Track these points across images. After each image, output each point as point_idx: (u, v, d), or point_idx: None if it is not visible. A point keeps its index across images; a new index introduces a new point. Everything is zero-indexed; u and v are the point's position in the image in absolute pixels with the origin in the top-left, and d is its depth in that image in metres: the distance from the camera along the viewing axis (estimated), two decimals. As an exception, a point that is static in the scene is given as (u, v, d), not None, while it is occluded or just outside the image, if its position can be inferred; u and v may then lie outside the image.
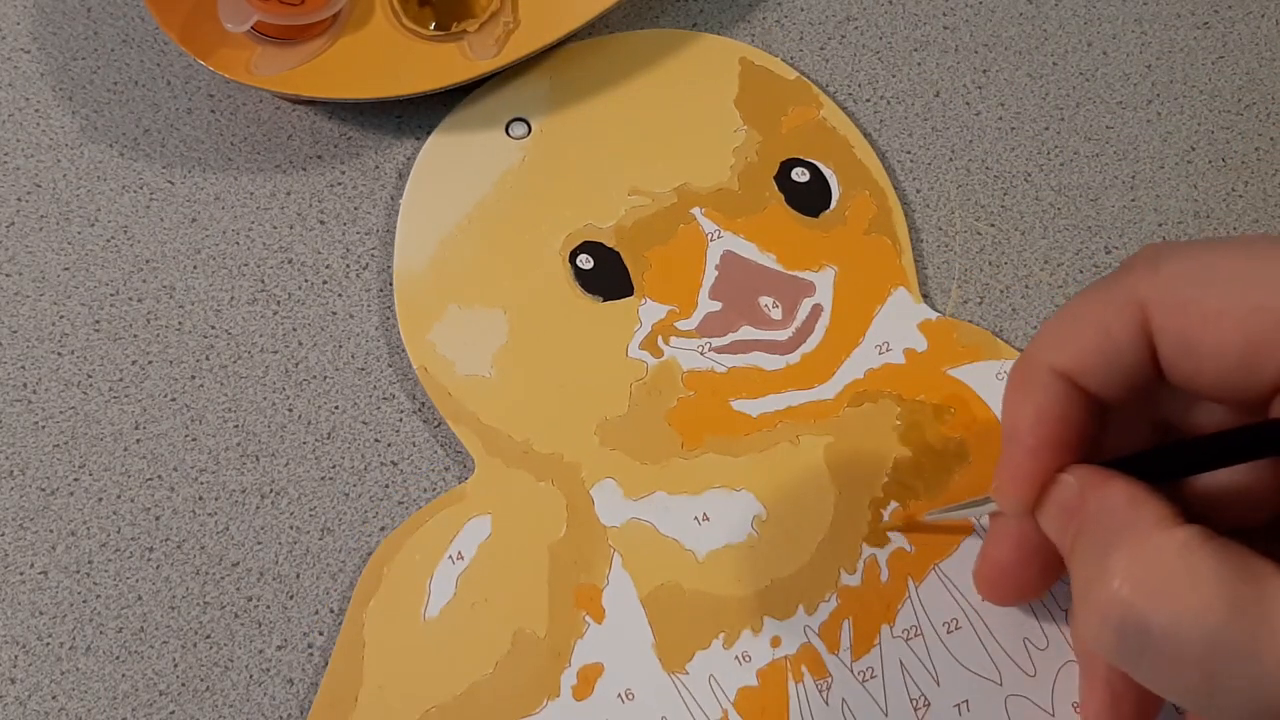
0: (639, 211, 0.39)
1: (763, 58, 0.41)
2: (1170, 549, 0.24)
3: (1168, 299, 0.26)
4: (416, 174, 0.39)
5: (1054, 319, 0.28)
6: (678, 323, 0.37)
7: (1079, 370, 0.28)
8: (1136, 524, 0.25)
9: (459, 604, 0.34)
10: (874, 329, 0.37)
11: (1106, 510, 0.26)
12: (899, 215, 0.39)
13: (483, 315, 0.37)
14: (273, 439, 0.36)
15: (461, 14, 0.39)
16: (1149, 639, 0.24)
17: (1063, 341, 0.28)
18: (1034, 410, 0.28)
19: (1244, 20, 0.43)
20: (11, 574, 0.35)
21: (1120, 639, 0.24)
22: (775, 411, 0.36)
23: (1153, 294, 0.26)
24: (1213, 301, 0.26)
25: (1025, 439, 0.28)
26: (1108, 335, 0.27)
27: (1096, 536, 0.26)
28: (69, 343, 0.37)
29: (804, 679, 0.33)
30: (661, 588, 0.34)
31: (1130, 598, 0.24)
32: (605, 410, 0.36)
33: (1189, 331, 0.26)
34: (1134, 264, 0.27)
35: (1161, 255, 0.27)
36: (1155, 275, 0.26)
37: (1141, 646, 0.24)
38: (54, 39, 0.42)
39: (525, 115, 0.40)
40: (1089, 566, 0.25)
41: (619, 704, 0.33)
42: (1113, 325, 0.27)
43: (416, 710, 0.33)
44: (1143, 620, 0.24)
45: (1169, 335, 0.26)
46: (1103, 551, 0.25)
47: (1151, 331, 0.27)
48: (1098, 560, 0.25)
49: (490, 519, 0.35)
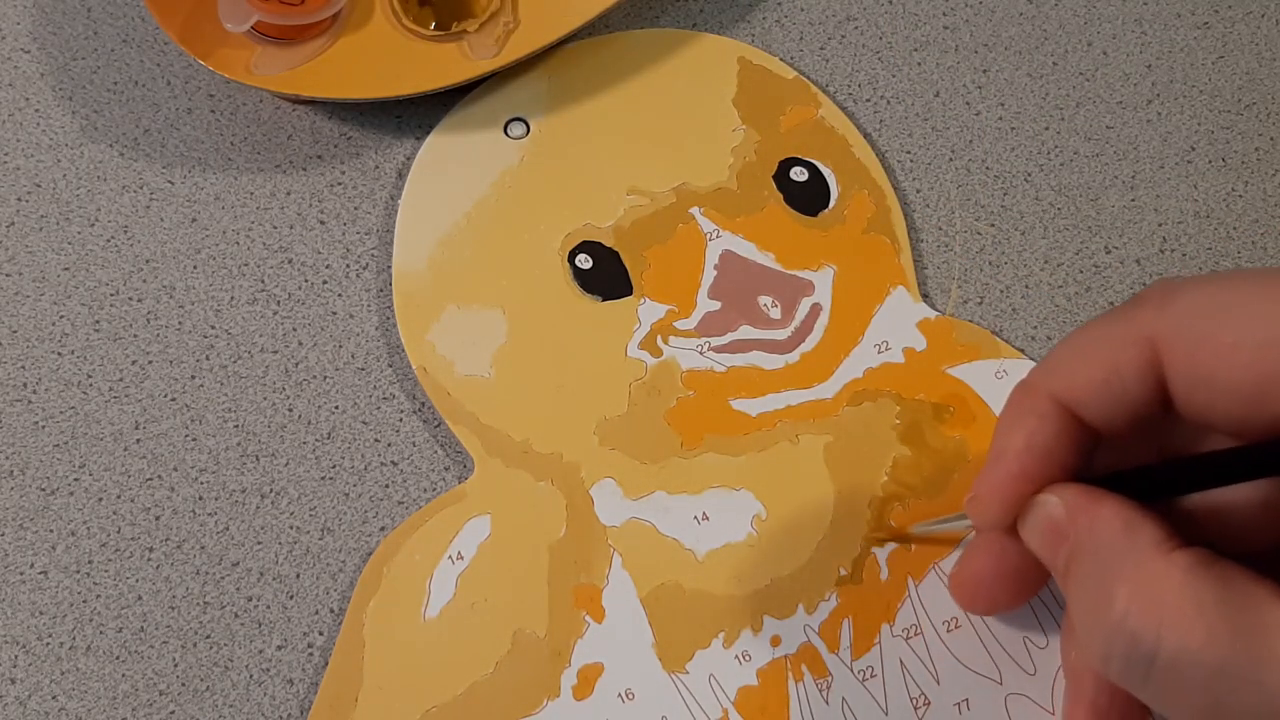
0: (638, 211, 0.39)
1: (761, 57, 0.41)
2: (1174, 575, 0.24)
3: (1180, 334, 0.26)
4: (415, 174, 0.39)
5: (1061, 347, 0.28)
6: (677, 322, 0.37)
7: (1080, 402, 0.28)
8: (1135, 550, 0.25)
9: (459, 604, 0.34)
10: (873, 328, 0.37)
11: (1102, 535, 0.26)
12: (898, 214, 0.39)
13: (482, 315, 0.37)
14: (273, 439, 0.36)
15: (461, 14, 0.39)
16: (1154, 666, 0.24)
17: (1068, 371, 0.28)
18: (1025, 438, 0.28)
19: (1244, 20, 0.43)
20: (11, 574, 0.35)
21: (1126, 666, 0.24)
22: (774, 411, 0.36)
23: (1165, 329, 0.26)
24: (1226, 336, 0.25)
25: (1011, 462, 0.28)
26: (1114, 370, 0.27)
27: (1095, 563, 0.26)
28: (69, 343, 0.37)
29: (804, 678, 0.33)
30: (661, 587, 0.34)
31: (1135, 628, 0.24)
32: (604, 410, 0.36)
33: (1202, 366, 0.26)
34: (1146, 298, 0.27)
35: (1174, 290, 0.27)
36: (1167, 310, 0.26)
37: (1147, 673, 0.24)
38: (54, 39, 0.42)
39: (524, 115, 0.40)
40: (1089, 594, 0.26)
41: (619, 704, 0.33)
42: (1120, 360, 0.27)
43: (416, 710, 0.33)
44: (1150, 648, 0.24)
45: (1181, 370, 0.26)
46: (1102, 579, 0.25)
47: (1162, 367, 0.27)
48: (1099, 589, 0.25)
49: (490, 519, 0.35)
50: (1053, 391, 0.28)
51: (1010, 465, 0.28)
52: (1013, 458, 0.28)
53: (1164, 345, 0.26)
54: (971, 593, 0.32)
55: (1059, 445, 0.28)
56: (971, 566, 0.32)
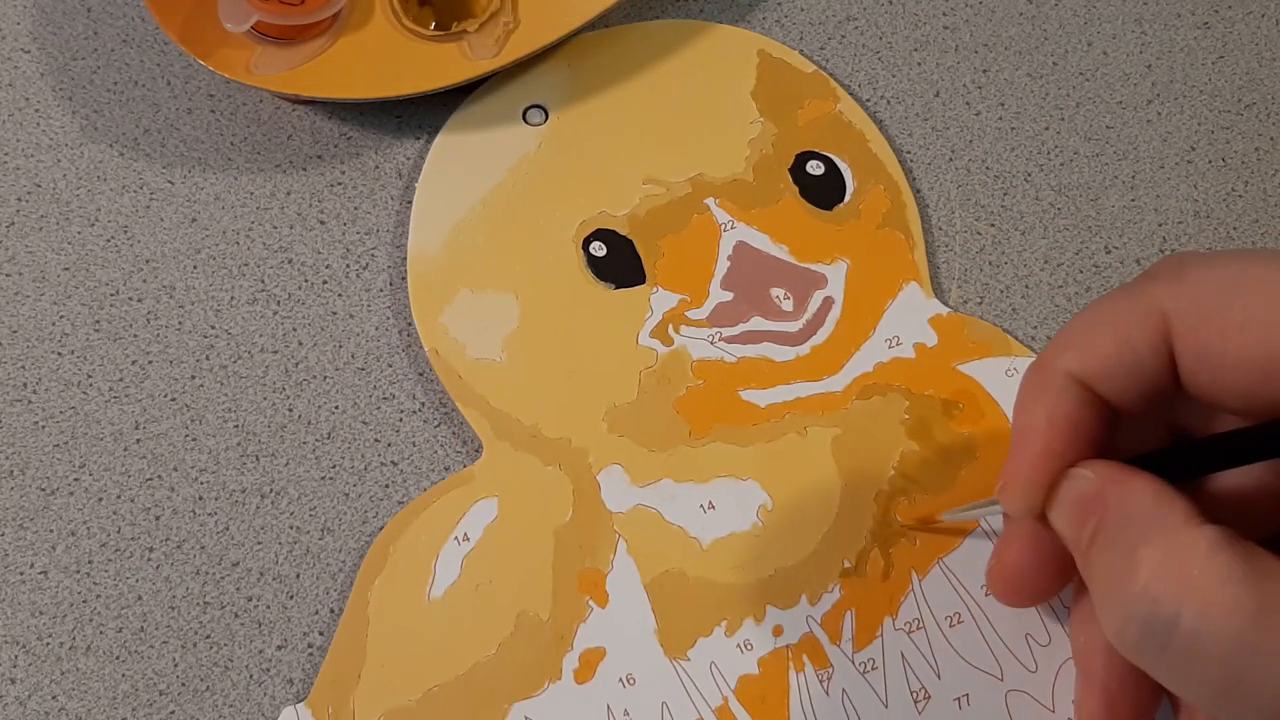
0: (653, 200, 0.39)
1: (780, 50, 0.42)
2: (1201, 545, 0.24)
3: (1190, 309, 0.26)
4: (432, 160, 0.39)
5: (1072, 324, 0.28)
6: (689, 312, 0.37)
7: (1096, 376, 0.27)
8: (1165, 520, 0.25)
9: (464, 585, 0.34)
10: (885, 323, 0.37)
11: (1132, 506, 0.26)
12: (913, 210, 0.39)
13: (495, 299, 0.37)
14: (273, 439, 0.36)
15: (461, 14, 0.40)
16: (1174, 635, 0.24)
17: (1081, 347, 0.28)
18: (1046, 413, 0.28)
19: (1244, 20, 0.44)
20: (11, 574, 0.34)
21: (1145, 634, 0.24)
22: (784, 402, 0.36)
23: (1175, 304, 0.26)
24: (1236, 314, 0.25)
25: (1036, 441, 0.28)
26: (1128, 343, 0.27)
27: (1122, 531, 0.25)
28: (69, 343, 0.37)
29: (805, 668, 0.33)
30: (665, 574, 0.34)
31: (1159, 592, 0.24)
32: (614, 397, 0.36)
33: (1211, 342, 0.26)
34: (1157, 273, 0.27)
35: (1185, 265, 0.27)
36: (1178, 285, 0.26)
37: (1166, 642, 0.24)
38: (54, 39, 0.42)
39: (543, 102, 0.40)
40: (1114, 561, 0.25)
41: (620, 688, 0.33)
42: (1133, 333, 0.27)
43: (419, 689, 0.33)
44: (1171, 615, 0.24)
45: (1190, 346, 0.26)
46: (1130, 546, 0.25)
47: (1172, 341, 0.27)
48: (1124, 555, 0.25)
49: (497, 501, 0.35)
50: (1067, 368, 0.28)
51: (1036, 443, 0.28)
52: (1037, 435, 0.28)
53: (1175, 320, 0.26)
54: (1013, 584, 0.31)
55: (1082, 419, 0.28)
56: (1005, 559, 0.31)
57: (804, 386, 0.36)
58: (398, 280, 0.38)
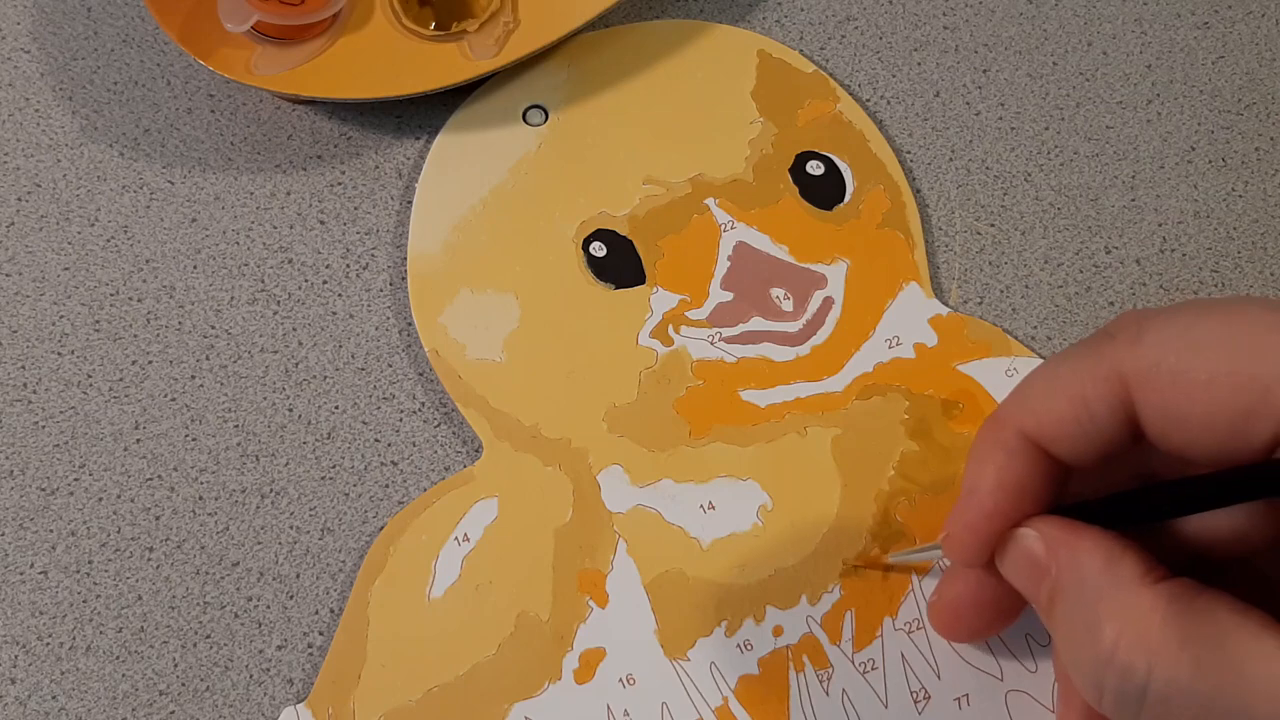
0: (653, 201, 0.39)
1: (781, 50, 0.42)
2: (1159, 608, 0.24)
3: (1151, 371, 0.26)
4: (432, 160, 0.39)
5: (1030, 380, 0.28)
6: (689, 312, 0.37)
7: (1049, 438, 0.27)
8: (1117, 585, 0.25)
9: (464, 585, 0.34)
10: (885, 323, 0.37)
11: (1084, 570, 0.26)
12: (913, 210, 0.39)
13: (495, 299, 0.37)
14: (273, 439, 0.36)
15: (461, 14, 0.40)
16: (1146, 700, 0.24)
17: (1036, 406, 0.28)
18: (996, 474, 0.28)
19: (1244, 20, 0.44)
20: (11, 574, 0.34)
21: (1119, 700, 0.25)
22: (784, 403, 0.36)
23: (1135, 366, 0.26)
24: (1199, 373, 0.25)
25: (985, 501, 0.28)
26: (1085, 406, 0.27)
27: (1079, 599, 0.26)
28: (69, 343, 0.37)
29: (805, 668, 0.33)
30: (665, 574, 0.34)
31: (1124, 662, 0.24)
32: (614, 397, 0.36)
33: (1177, 403, 0.26)
34: (1115, 331, 0.27)
35: (1144, 325, 0.26)
36: (1138, 346, 0.26)
37: (1139, 708, 0.24)
38: (54, 39, 0.42)
39: (543, 103, 0.40)
40: (1076, 630, 0.26)
41: (620, 688, 0.33)
42: (1090, 396, 0.27)
43: (418, 689, 0.33)
44: (1140, 684, 0.24)
45: (1154, 408, 0.26)
46: (1088, 616, 0.25)
47: (1133, 403, 0.26)
48: (1085, 625, 0.25)
49: (497, 502, 0.35)
50: (1022, 427, 0.28)
51: (983, 503, 0.28)
52: (985, 495, 0.28)
53: (1136, 382, 0.26)
54: (950, 621, 0.32)
55: (1030, 481, 0.28)
56: (949, 595, 0.31)
57: (804, 386, 0.36)
58: (398, 280, 0.38)
